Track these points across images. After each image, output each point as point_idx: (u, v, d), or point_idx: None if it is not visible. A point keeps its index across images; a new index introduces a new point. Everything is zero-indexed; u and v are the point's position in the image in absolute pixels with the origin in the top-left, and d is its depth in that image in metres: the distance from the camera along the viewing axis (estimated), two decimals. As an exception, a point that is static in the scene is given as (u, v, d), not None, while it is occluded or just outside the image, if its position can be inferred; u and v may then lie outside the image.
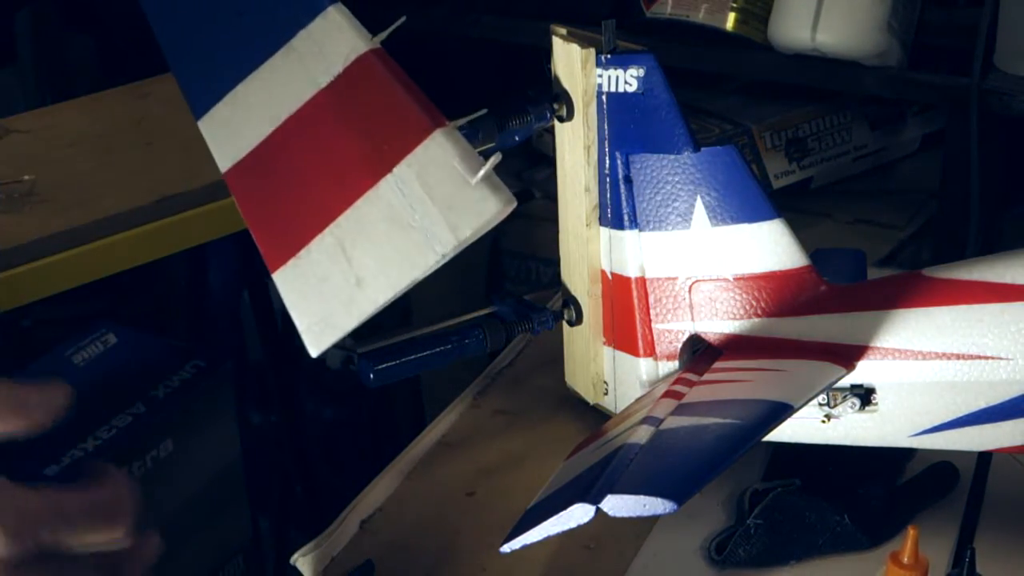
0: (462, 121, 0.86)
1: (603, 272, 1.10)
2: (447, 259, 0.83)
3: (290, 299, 0.85)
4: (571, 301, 1.13)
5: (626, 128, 1.04)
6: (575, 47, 1.03)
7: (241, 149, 0.89)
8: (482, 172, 0.81)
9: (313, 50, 0.86)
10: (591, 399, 1.15)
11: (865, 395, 0.97)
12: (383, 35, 0.86)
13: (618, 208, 1.06)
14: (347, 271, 0.82)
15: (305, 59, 0.87)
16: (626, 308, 1.08)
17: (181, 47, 0.93)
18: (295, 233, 0.85)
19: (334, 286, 0.83)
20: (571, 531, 0.82)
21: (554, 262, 1.14)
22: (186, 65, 0.93)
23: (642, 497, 0.79)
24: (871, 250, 1.69)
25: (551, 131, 1.09)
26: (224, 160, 0.90)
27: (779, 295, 1.01)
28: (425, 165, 0.81)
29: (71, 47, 2.41)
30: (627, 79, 1.02)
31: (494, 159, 0.82)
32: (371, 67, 0.85)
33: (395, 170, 0.82)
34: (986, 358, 0.93)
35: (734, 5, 2.01)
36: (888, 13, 1.90)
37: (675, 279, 1.05)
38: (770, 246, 1.01)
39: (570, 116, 1.05)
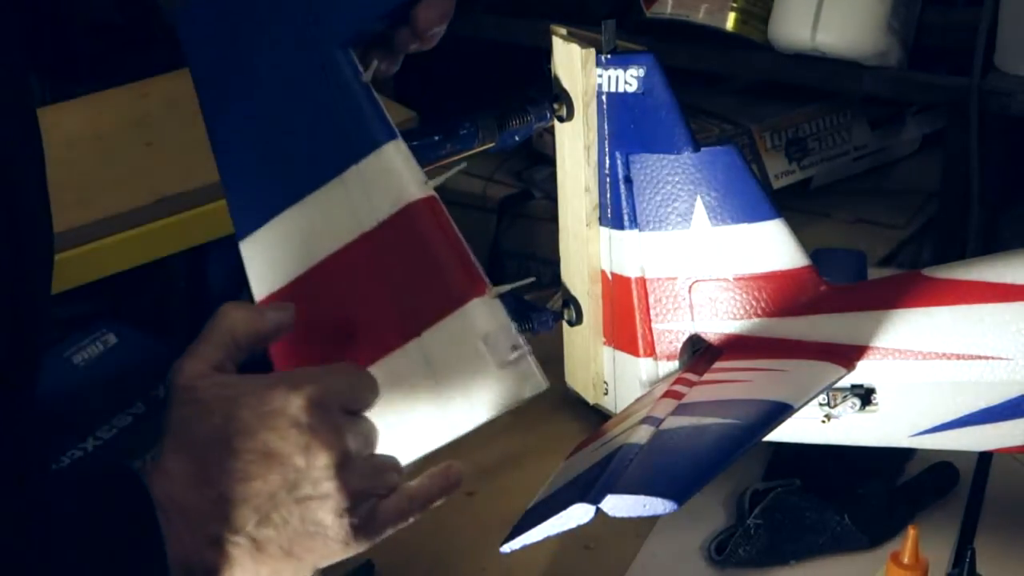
0: (505, 288, 0.81)
1: (603, 272, 1.09)
2: (460, 436, 0.80)
3: None
4: (571, 301, 1.13)
5: (626, 128, 1.04)
6: (575, 47, 1.03)
7: (277, 281, 0.86)
8: (514, 355, 0.77)
9: (362, 188, 0.82)
10: (591, 399, 1.15)
11: (865, 395, 0.97)
12: (438, 180, 0.83)
13: (618, 208, 1.06)
14: None
15: (353, 197, 0.83)
16: (626, 308, 1.08)
17: (232, 160, 0.89)
18: None
19: None
20: (571, 531, 0.82)
21: (554, 262, 1.14)
22: (236, 180, 0.90)
23: (642, 497, 0.79)
24: (871, 250, 1.69)
25: (551, 131, 1.09)
26: (260, 288, 0.87)
27: (779, 295, 1.01)
28: (455, 335, 0.78)
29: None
30: (627, 79, 1.02)
31: (527, 347, 0.78)
32: (417, 218, 0.81)
33: (424, 335, 0.79)
34: (986, 358, 0.93)
35: (734, 5, 2.01)
36: (888, 13, 1.91)
37: (675, 279, 1.05)
38: (770, 246, 1.01)
39: (570, 116, 1.05)
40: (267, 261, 0.86)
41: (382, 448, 0.76)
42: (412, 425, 0.79)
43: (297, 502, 0.71)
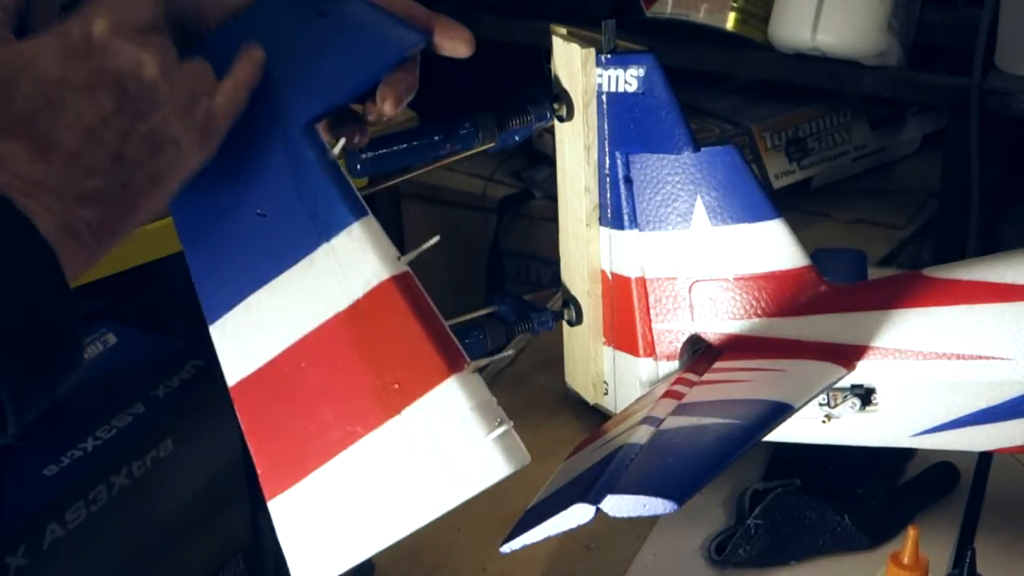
0: (484, 362, 0.79)
1: (603, 272, 1.10)
2: (442, 515, 0.78)
3: (284, 531, 0.81)
4: (571, 301, 1.13)
5: (626, 128, 1.04)
6: (575, 47, 1.03)
7: (249, 365, 0.84)
8: (497, 431, 0.76)
9: (334, 269, 0.80)
10: (591, 399, 1.15)
11: (865, 395, 0.97)
12: (410, 256, 0.80)
13: (618, 208, 1.06)
14: (343, 513, 0.79)
15: (324, 277, 0.81)
16: (626, 308, 1.08)
17: (198, 241, 0.87)
18: (295, 463, 0.81)
19: (328, 527, 0.79)
20: (571, 531, 0.82)
21: (554, 262, 1.14)
22: (203, 263, 0.87)
23: (642, 497, 0.79)
24: (871, 250, 1.69)
25: (551, 131, 1.09)
26: (232, 374, 0.85)
27: (779, 295, 1.01)
28: (436, 412, 0.76)
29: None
30: (627, 79, 1.02)
31: (508, 422, 0.77)
32: (391, 297, 0.78)
33: (404, 412, 0.77)
34: (986, 358, 0.93)
35: (734, 5, 2.01)
36: (888, 13, 1.91)
37: (675, 279, 1.05)
38: (770, 246, 1.01)
39: (570, 116, 1.05)
40: (239, 345, 0.85)
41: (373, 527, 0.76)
42: (395, 504, 0.78)
43: (140, 119, 0.70)
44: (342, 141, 0.84)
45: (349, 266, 0.80)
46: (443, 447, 0.76)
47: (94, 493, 1.24)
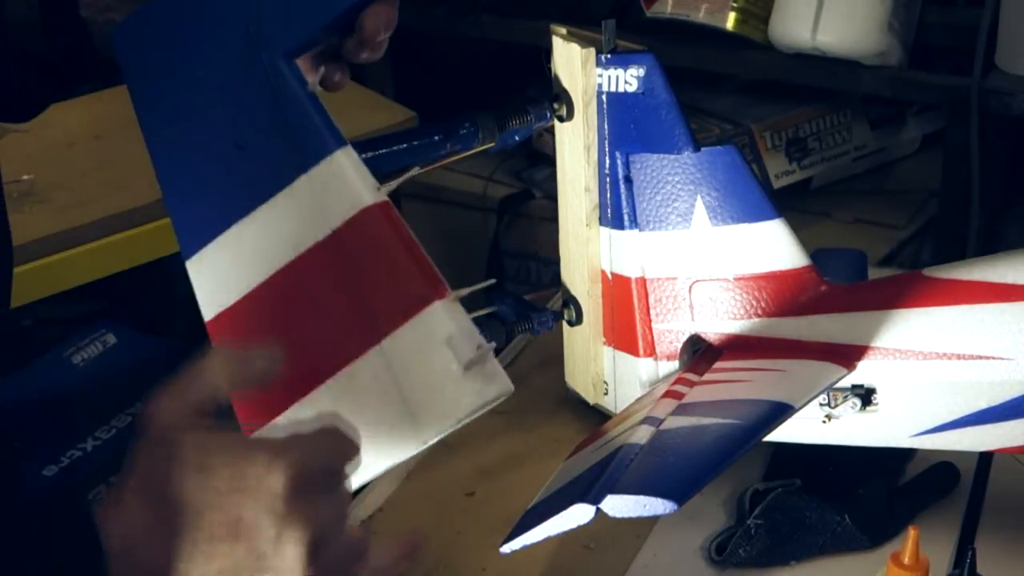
0: (465, 291, 0.78)
1: (603, 272, 1.09)
2: (431, 444, 0.77)
3: None
4: (571, 301, 1.13)
5: (626, 128, 1.04)
6: (575, 47, 1.03)
7: (227, 298, 0.83)
8: (477, 355, 0.74)
9: (313, 198, 0.80)
10: (591, 399, 1.15)
11: (865, 395, 0.97)
12: (391, 185, 0.80)
13: (618, 208, 1.06)
14: None
15: (304, 207, 0.80)
16: (626, 308, 1.08)
17: (176, 178, 0.86)
18: (273, 399, 0.80)
19: None
20: (571, 531, 0.82)
21: (554, 262, 1.14)
22: (179, 199, 0.86)
23: (642, 497, 0.79)
24: (871, 250, 1.69)
25: (551, 131, 1.09)
26: (208, 307, 0.84)
27: (779, 295, 1.01)
28: (417, 340, 0.75)
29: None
30: (627, 79, 1.02)
31: (490, 345, 0.75)
32: (373, 223, 0.78)
33: (384, 342, 0.76)
34: (986, 358, 0.93)
35: (734, 5, 2.01)
36: (888, 13, 1.91)
37: (675, 279, 1.05)
38: (770, 246, 1.01)
39: (570, 116, 1.05)
40: (216, 278, 0.84)
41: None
42: (379, 436, 0.76)
43: None
44: (321, 70, 0.84)
45: (330, 194, 0.79)
46: (424, 376, 0.75)
47: (94, 493, 1.24)
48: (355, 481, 0.75)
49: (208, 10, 0.84)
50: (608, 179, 1.06)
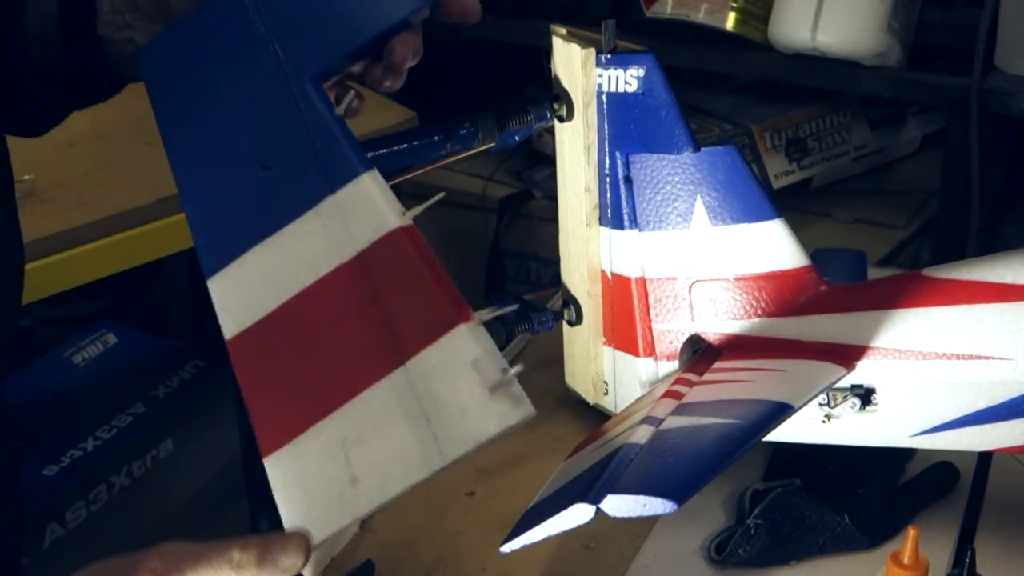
0: (488, 314, 0.78)
1: (603, 272, 1.10)
2: (448, 465, 0.77)
3: (279, 489, 0.79)
4: (571, 301, 1.13)
5: (626, 128, 1.04)
6: (575, 47, 1.03)
7: (249, 317, 0.82)
8: (502, 379, 0.74)
9: (339, 219, 0.80)
10: (591, 399, 1.15)
11: (865, 395, 0.97)
12: (416, 210, 0.80)
13: (618, 208, 1.06)
14: (343, 468, 0.77)
15: (329, 228, 0.80)
16: (626, 308, 1.08)
17: (200, 198, 0.86)
18: (293, 418, 0.79)
19: (327, 483, 0.78)
20: (571, 531, 0.82)
21: (554, 262, 1.14)
22: (203, 218, 0.86)
23: (642, 497, 0.79)
24: (871, 250, 1.69)
25: (551, 131, 1.09)
26: (229, 326, 0.83)
27: (779, 295, 1.01)
28: (442, 363, 0.75)
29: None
30: (627, 79, 1.02)
31: (517, 368, 0.75)
32: (398, 247, 0.78)
33: (409, 364, 0.76)
34: (986, 358, 0.93)
35: (734, 5, 2.01)
36: (888, 13, 1.91)
37: (675, 279, 1.05)
38: (770, 246, 1.01)
39: (570, 116, 1.05)
40: (239, 297, 0.84)
41: (376, 482, 0.75)
42: (401, 456, 0.76)
43: None
44: (350, 95, 0.84)
45: (355, 217, 0.80)
46: (448, 397, 0.75)
47: (94, 493, 1.24)
48: (374, 502, 0.76)
49: (235, 32, 0.84)
50: (608, 179, 1.06)
